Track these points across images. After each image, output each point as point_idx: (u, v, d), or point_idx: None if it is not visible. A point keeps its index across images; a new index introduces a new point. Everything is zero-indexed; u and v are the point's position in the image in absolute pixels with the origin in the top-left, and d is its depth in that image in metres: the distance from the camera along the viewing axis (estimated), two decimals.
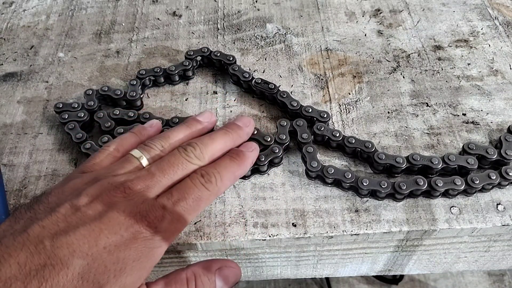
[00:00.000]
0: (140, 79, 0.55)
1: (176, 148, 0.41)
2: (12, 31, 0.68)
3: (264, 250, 0.49)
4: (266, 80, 0.54)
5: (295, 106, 0.51)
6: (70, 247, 0.31)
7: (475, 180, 0.44)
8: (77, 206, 0.34)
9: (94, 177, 0.37)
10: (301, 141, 0.48)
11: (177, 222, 0.36)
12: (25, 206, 0.35)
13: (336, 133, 0.48)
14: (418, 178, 0.44)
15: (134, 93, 0.53)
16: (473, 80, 0.56)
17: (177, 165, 0.39)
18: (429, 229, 0.44)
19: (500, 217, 0.44)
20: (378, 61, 0.59)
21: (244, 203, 0.46)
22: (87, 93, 0.53)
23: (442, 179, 0.44)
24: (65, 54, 0.63)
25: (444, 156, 0.46)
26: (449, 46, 0.60)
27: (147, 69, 0.56)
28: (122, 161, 0.40)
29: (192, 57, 0.57)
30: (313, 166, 0.45)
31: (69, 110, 0.52)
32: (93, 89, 0.54)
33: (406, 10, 0.66)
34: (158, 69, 0.56)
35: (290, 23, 0.65)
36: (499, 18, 0.63)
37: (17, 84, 0.60)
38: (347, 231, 0.44)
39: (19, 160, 0.51)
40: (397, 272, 0.57)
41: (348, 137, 0.48)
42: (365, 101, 0.54)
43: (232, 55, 0.57)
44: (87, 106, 0.52)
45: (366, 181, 0.44)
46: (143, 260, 0.33)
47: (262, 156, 0.46)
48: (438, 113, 0.53)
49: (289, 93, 0.52)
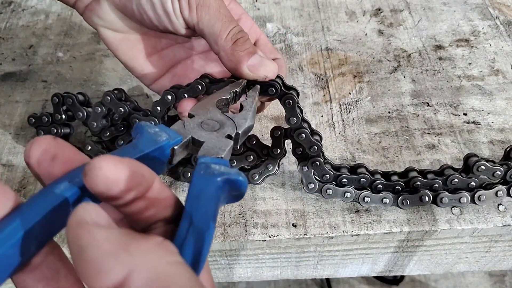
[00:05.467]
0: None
1: None
2: (11, 30, 0.67)
3: (264, 250, 0.49)
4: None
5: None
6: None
7: (481, 198, 0.43)
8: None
9: None
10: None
11: None
12: None
13: (326, 176, 0.44)
14: (424, 195, 0.43)
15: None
16: (474, 80, 0.56)
17: None
18: (430, 229, 0.43)
19: (501, 218, 0.44)
20: (378, 61, 0.59)
21: (244, 204, 0.46)
22: (53, 102, 0.49)
23: (448, 196, 0.43)
24: (64, 53, 0.63)
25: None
26: (450, 45, 0.60)
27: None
28: None
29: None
30: (309, 188, 0.44)
31: (43, 125, 0.50)
32: (59, 95, 0.49)
33: (406, 9, 0.66)
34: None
35: (290, 23, 0.65)
36: (500, 17, 0.63)
37: (16, 84, 0.59)
38: (348, 232, 0.43)
39: (18, 160, 0.51)
40: (398, 272, 0.57)
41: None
42: (365, 101, 0.54)
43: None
44: (56, 119, 0.49)
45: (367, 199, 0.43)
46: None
47: (255, 175, 0.45)
48: (439, 113, 0.52)
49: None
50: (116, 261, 0.19)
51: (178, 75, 0.45)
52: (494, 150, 0.48)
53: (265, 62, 0.40)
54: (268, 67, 0.40)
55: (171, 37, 0.45)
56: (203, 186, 0.24)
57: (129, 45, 0.43)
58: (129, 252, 0.19)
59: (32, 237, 0.21)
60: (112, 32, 0.43)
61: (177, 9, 0.38)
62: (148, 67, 0.44)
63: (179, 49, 0.46)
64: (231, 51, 0.38)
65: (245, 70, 0.39)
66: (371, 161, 0.48)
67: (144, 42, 0.44)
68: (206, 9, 0.38)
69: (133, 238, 0.20)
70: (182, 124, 0.31)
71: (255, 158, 0.45)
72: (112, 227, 0.20)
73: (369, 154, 0.49)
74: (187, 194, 0.24)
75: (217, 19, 0.38)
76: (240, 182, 0.26)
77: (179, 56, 0.46)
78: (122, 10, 0.41)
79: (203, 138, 0.30)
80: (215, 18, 0.38)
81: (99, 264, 0.19)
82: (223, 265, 0.52)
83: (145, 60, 0.44)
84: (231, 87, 0.39)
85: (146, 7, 0.39)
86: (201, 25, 0.38)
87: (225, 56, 0.39)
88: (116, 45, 0.43)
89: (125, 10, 0.41)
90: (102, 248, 0.19)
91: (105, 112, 0.47)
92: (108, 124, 0.48)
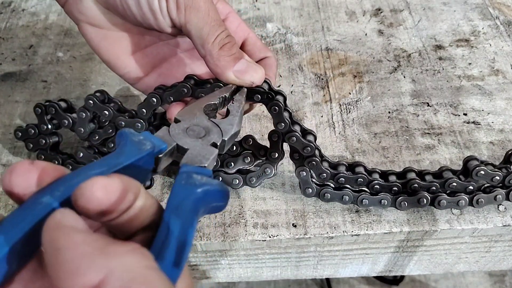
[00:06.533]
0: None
1: None
2: (11, 30, 0.67)
3: (264, 250, 0.49)
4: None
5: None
6: None
7: (480, 202, 0.43)
8: None
9: None
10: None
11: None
12: None
13: (323, 175, 0.44)
14: (422, 197, 0.42)
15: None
16: (474, 80, 0.56)
17: None
18: (430, 229, 0.43)
19: (501, 218, 0.44)
20: (378, 61, 0.59)
21: (244, 203, 0.46)
22: (36, 113, 0.47)
23: (446, 198, 0.42)
24: (64, 53, 0.63)
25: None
26: (450, 45, 0.60)
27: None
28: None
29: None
30: (307, 193, 0.44)
31: (30, 138, 0.49)
32: (41, 105, 0.47)
33: (406, 9, 0.66)
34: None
35: (290, 23, 0.65)
36: (500, 17, 0.63)
37: (16, 84, 0.59)
38: (348, 232, 0.43)
39: (18, 160, 0.51)
40: (398, 272, 0.57)
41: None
42: (365, 101, 0.54)
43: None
44: (42, 130, 0.48)
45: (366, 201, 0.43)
46: None
47: (253, 179, 0.45)
48: (439, 113, 0.52)
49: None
50: (93, 263, 0.18)
51: (164, 74, 0.44)
52: (494, 150, 0.48)
53: (251, 68, 0.39)
54: (255, 72, 0.39)
55: (155, 34, 0.43)
56: (183, 196, 0.24)
57: (111, 42, 0.42)
58: (106, 255, 0.19)
59: (14, 253, 0.21)
60: (94, 28, 0.41)
61: (164, 8, 0.37)
62: (131, 65, 0.43)
63: (163, 46, 0.44)
64: (217, 56, 0.38)
65: (230, 76, 0.39)
66: (371, 161, 0.48)
67: (126, 39, 0.42)
68: (195, 11, 0.37)
69: (110, 242, 0.20)
70: (167, 131, 0.31)
71: (252, 159, 0.45)
72: (89, 232, 0.20)
73: (369, 154, 0.49)
74: (167, 202, 0.24)
75: (205, 22, 0.37)
76: (221, 193, 0.25)
77: (164, 54, 0.44)
78: (104, 4, 0.39)
79: (188, 145, 0.30)
80: (203, 21, 0.37)
81: (76, 266, 0.18)
82: (223, 265, 0.52)
83: (128, 58, 0.42)
84: (221, 92, 0.38)
85: (130, 3, 0.37)
86: (189, 27, 0.37)
87: (211, 60, 0.38)
88: (97, 42, 0.41)
89: (107, 4, 0.39)
90: (79, 250, 0.19)
91: (90, 117, 0.46)
92: (96, 126, 0.47)
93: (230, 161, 0.45)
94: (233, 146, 0.45)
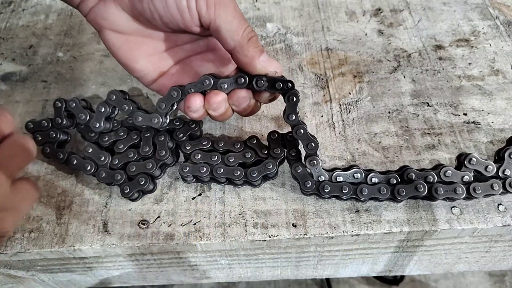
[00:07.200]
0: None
1: None
2: (11, 30, 0.67)
3: (264, 250, 0.49)
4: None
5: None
6: None
7: (477, 190, 0.43)
8: None
9: None
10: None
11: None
12: None
13: (321, 177, 0.45)
14: (419, 184, 0.43)
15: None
16: (474, 80, 0.56)
17: None
18: (430, 229, 0.43)
19: (501, 218, 0.44)
20: (378, 61, 0.59)
21: (244, 204, 0.46)
22: (55, 106, 0.50)
23: (443, 186, 0.43)
24: (64, 53, 0.63)
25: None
26: (450, 45, 0.60)
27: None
28: None
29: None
30: (306, 187, 0.44)
31: (41, 130, 0.50)
32: (62, 100, 0.50)
33: (406, 9, 0.66)
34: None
35: (290, 23, 0.65)
36: (500, 17, 0.63)
37: (16, 84, 0.59)
38: (348, 232, 0.43)
39: None
40: (398, 272, 0.57)
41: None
42: (365, 101, 0.54)
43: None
44: (57, 123, 0.50)
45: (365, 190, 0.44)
46: None
47: (254, 172, 0.45)
48: (439, 113, 0.52)
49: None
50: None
51: (177, 74, 0.47)
52: (494, 150, 0.48)
53: (272, 60, 0.44)
54: (275, 64, 0.44)
55: (171, 39, 0.46)
56: None
57: (130, 46, 0.45)
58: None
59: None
60: (115, 34, 0.44)
61: (193, 7, 0.40)
62: (148, 68, 0.46)
63: (178, 50, 0.47)
64: (246, 46, 0.42)
65: (258, 65, 0.42)
66: (371, 161, 0.48)
67: (146, 43, 0.45)
68: (224, 7, 0.41)
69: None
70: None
71: (253, 155, 0.46)
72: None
73: (369, 154, 0.49)
74: None
75: (234, 17, 0.41)
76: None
77: (178, 57, 0.47)
78: (129, 11, 0.42)
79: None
80: (232, 16, 0.41)
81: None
82: (223, 265, 0.52)
83: (146, 61, 0.45)
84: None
85: (157, 5, 0.40)
86: (218, 22, 0.41)
87: (240, 51, 0.42)
88: (118, 47, 0.44)
89: (133, 10, 0.42)
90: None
91: (108, 112, 0.48)
92: (109, 127, 0.49)
93: (231, 156, 0.47)
94: (238, 144, 0.47)
